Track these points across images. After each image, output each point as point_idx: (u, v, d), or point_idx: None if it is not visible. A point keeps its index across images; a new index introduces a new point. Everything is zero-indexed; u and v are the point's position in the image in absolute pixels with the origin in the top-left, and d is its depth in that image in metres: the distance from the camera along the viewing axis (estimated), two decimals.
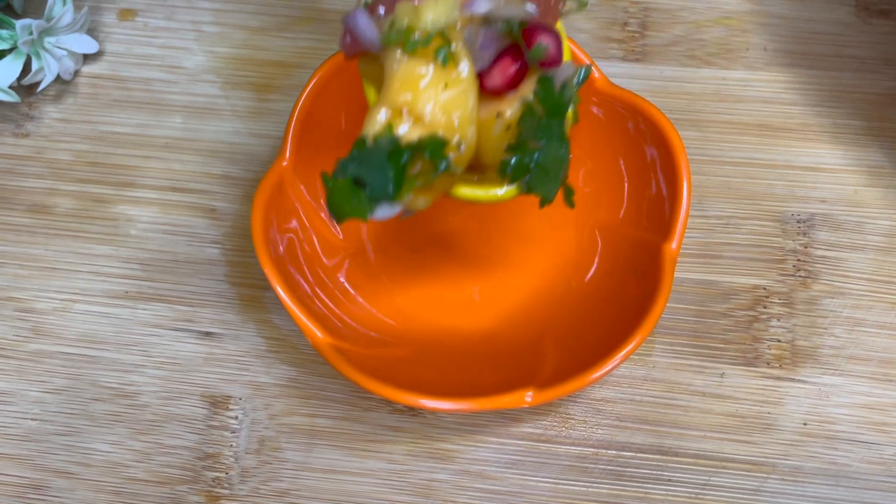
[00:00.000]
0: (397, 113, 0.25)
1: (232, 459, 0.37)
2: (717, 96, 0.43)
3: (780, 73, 0.43)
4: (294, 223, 0.37)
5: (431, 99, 0.25)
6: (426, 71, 0.25)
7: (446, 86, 0.25)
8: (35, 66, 0.42)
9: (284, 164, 0.36)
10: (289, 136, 0.36)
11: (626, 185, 0.38)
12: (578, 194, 0.39)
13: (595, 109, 0.38)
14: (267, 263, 0.34)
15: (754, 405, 0.38)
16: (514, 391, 0.32)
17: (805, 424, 0.37)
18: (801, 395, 0.38)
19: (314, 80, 0.36)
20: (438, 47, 0.25)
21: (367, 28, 0.26)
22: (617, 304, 0.35)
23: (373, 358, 0.34)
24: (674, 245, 0.34)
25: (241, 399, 0.38)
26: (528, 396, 0.32)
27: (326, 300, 0.36)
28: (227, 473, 0.37)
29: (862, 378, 0.38)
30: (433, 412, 0.38)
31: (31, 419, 0.38)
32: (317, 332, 0.33)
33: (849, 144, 0.42)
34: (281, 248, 0.35)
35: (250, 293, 0.40)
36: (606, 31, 0.45)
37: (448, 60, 0.25)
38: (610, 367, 0.32)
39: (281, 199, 0.36)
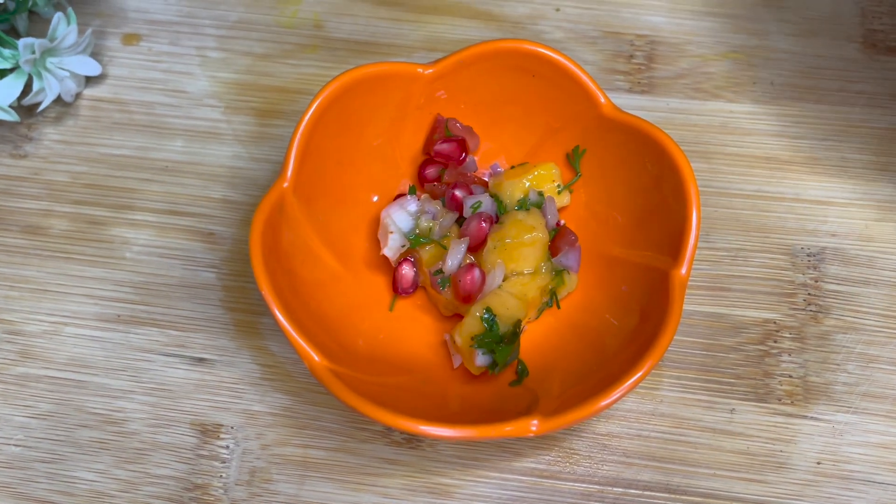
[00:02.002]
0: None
1: (221, 491, 0.36)
2: (725, 129, 0.43)
3: (787, 106, 0.43)
4: (293, 245, 0.36)
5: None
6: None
7: None
8: (36, 86, 0.42)
9: (285, 185, 0.35)
10: (290, 158, 0.35)
11: (633, 211, 0.37)
12: (586, 222, 0.38)
13: (602, 136, 0.37)
14: (265, 285, 0.33)
15: (766, 443, 0.36)
16: (520, 419, 0.30)
17: (819, 464, 0.36)
18: (815, 433, 0.36)
19: (317, 102, 0.36)
20: None
21: None
22: (626, 331, 0.34)
23: (372, 384, 0.33)
24: (683, 270, 0.33)
25: (232, 428, 0.37)
26: (533, 425, 0.30)
27: (325, 325, 0.35)
28: None
29: (877, 416, 0.37)
30: (432, 444, 0.36)
31: (15, 445, 0.37)
32: (314, 356, 0.32)
33: (858, 179, 0.42)
34: (279, 270, 0.34)
35: (246, 319, 0.39)
36: (612, 62, 0.44)
37: None
38: (619, 394, 0.30)
39: (281, 220, 0.35)
